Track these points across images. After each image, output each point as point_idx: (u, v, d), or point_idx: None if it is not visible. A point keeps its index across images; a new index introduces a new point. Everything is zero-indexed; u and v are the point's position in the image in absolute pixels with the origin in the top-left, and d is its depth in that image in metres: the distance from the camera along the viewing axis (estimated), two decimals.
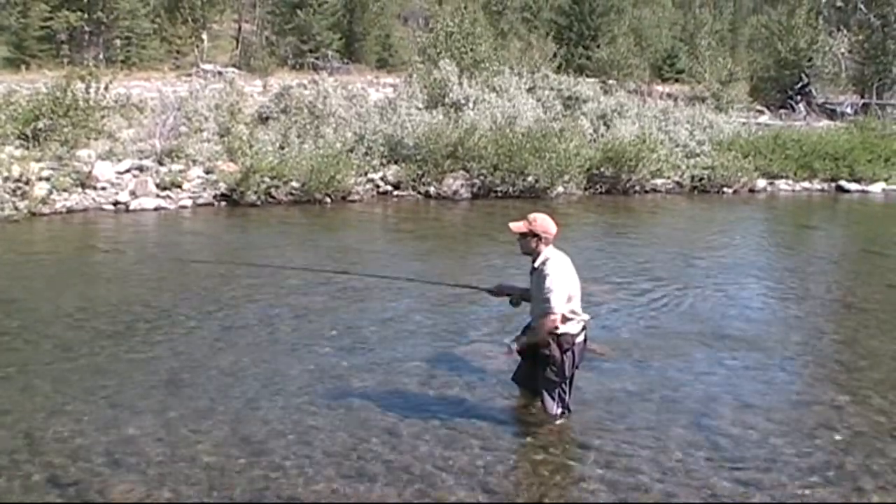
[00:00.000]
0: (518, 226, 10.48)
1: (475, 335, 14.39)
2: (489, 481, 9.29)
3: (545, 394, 10.56)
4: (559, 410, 10.57)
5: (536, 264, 10.36)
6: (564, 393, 10.59)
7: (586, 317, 10.61)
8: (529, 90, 38.51)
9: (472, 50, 44.47)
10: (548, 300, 10.04)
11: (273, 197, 26.71)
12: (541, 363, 10.44)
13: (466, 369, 12.61)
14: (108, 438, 10.03)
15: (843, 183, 35.60)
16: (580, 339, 10.50)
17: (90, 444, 9.89)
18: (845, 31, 64.18)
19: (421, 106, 33.67)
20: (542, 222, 10.41)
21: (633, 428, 10.72)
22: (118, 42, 64.87)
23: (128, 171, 26.98)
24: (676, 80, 69.11)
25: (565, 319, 10.23)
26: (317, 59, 67.16)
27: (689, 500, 9.03)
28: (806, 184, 35.42)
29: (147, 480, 9.13)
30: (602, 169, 31.46)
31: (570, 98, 38.92)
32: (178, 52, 68.33)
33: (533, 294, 10.40)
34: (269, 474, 9.32)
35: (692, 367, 13.22)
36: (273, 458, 9.66)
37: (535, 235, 10.36)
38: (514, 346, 10.55)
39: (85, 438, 10.02)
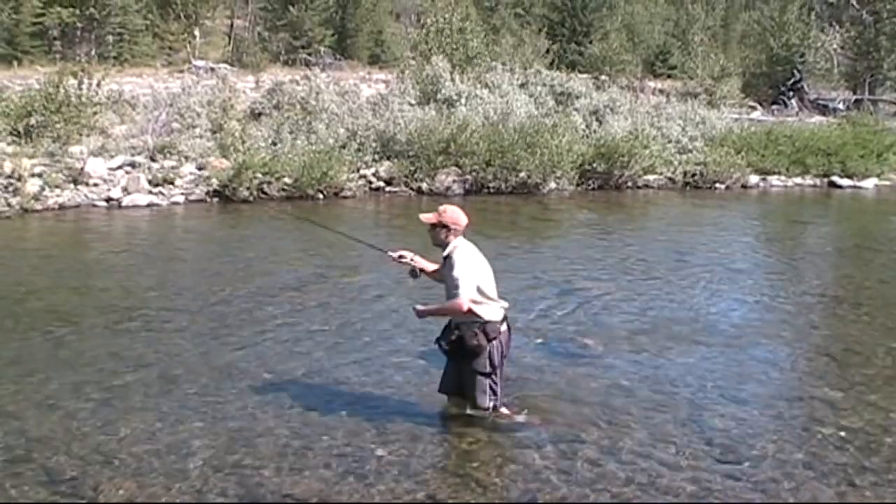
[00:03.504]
0: (428, 217, 10.41)
1: None
2: (479, 478, 9.31)
3: (476, 386, 10.33)
4: (491, 403, 10.35)
5: (445, 254, 10.26)
6: (495, 384, 10.37)
7: (504, 303, 10.41)
8: (522, 86, 38.47)
9: (464, 46, 44.41)
10: (457, 286, 9.93)
11: (265, 193, 26.66)
12: (467, 357, 10.22)
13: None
14: (102, 436, 10.03)
15: (835, 178, 35.57)
16: (504, 327, 10.35)
17: (83, 441, 9.89)
18: (837, 27, 64.29)
19: (413, 102, 33.65)
20: (452, 213, 10.33)
21: (625, 423, 10.72)
22: (110, 38, 64.68)
23: (120, 167, 26.93)
24: (669, 76, 69.08)
25: (481, 303, 10.09)
26: (309, 55, 67.09)
27: (682, 496, 9.03)
28: (798, 179, 35.39)
29: (140, 478, 9.13)
30: (594, 165, 31.41)
31: (562, 94, 38.87)
32: (170, 48, 68.32)
33: (445, 283, 10.27)
34: (262, 472, 9.32)
35: (684, 362, 13.23)
36: (266, 455, 9.66)
37: (445, 226, 10.25)
38: (420, 308, 10.42)
39: (78, 435, 10.02)
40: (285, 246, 20.85)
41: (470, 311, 10.00)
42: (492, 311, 10.18)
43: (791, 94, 59.91)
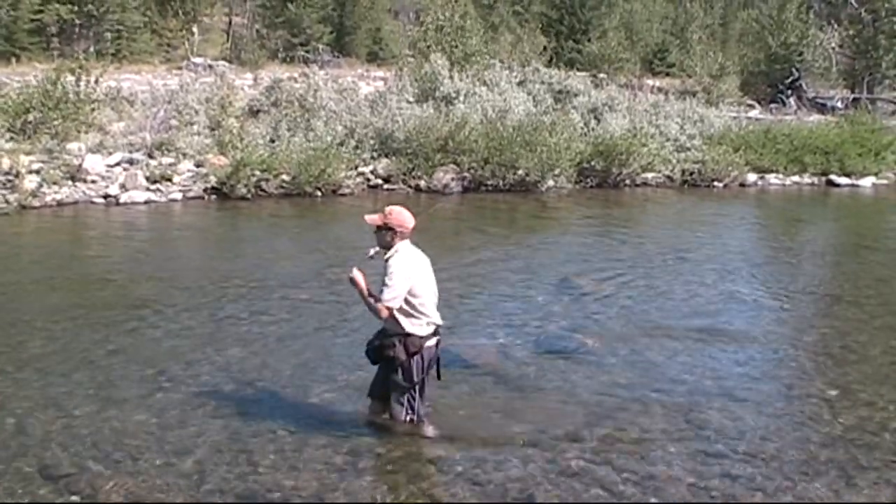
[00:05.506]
0: (373, 218, 10.10)
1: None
2: (481, 477, 9.32)
3: (392, 400, 10.18)
4: (407, 417, 10.15)
5: (386, 257, 9.96)
6: (413, 399, 10.13)
7: (439, 321, 10.18)
8: (520, 84, 38.51)
9: (462, 43, 44.34)
10: (382, 291, 9.70)
11: (263, 190, 26.68)
12: (389, 367, 10.07)
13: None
14: (99, 432, 10.05)
15: (833, 177, 35.57)
16: (430, 343, 10.07)
17: (80, 437, 9.91)
18: (836, 26, 64.14)
19: (411, 99, 33.61)
20: (398, 216, 10.04)
21: (622, 421, 10.74)
22: (108, 35, 64.52)
23: (118, 164, 26.95)
24: (667, 75, 68.88)
25: (409, 317, 9.86)
26: (307, 52, 66.86)
27: (678, 494, 9.04)
28: (796, 178, 35.38)
29: (137, 475, 9.14)
30: (593, 163, 31.42)
31: (560, 92, 38.92)
32: (168, 45, 68.10)
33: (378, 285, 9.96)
34: (259, 469, 9.33)
35: (681, 360, 13.25)
36: (262, 454, 9.67)
37: (391, 229, 9.98)
38: (356, 277, 9.94)
39: (75, 432, 10.03)
40: (283, 243, 20.87)
41: (390, 317, 9.77)
42: (418, 325, 9.92)
43: (789, 92, 59.77)
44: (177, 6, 70.85)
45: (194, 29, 69.29)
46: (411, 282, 9.81)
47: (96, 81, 31.30)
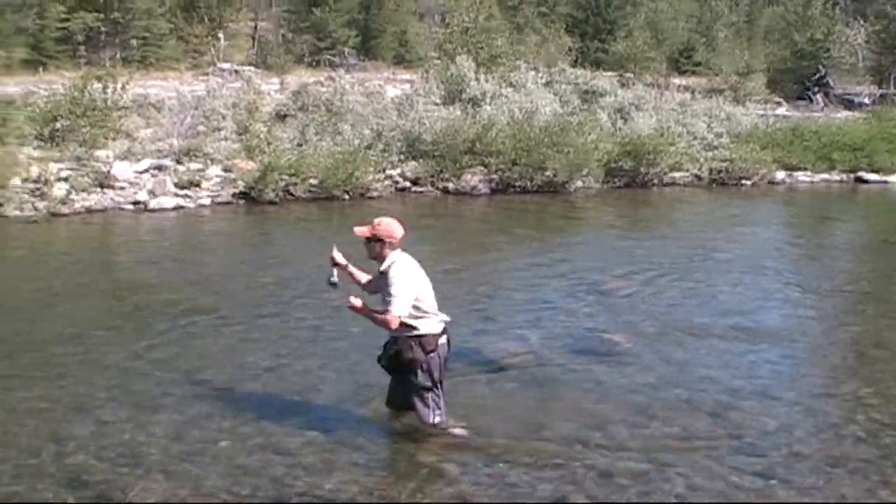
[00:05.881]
0: (362, 230, 10.18)
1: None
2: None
3: (417, 402, 10.16)
4: (436, 418, 10.20)
5: (382, 268, 10.06)
6: (437, 398, 10.22)
7: (445, 317, 10.26)
8: (547, 84, 38.41)
9: (488, 45, 44.36)
10: (389, 303, 9.80)
11: (291, 194, 26.67)
12: (407, 371, 10.08)
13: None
14: (132, 438, 10.08)
15: (862, 174, 35.35)
16: (443, 339, 10.20)
17: (113, 443, 9.95)
18: (862, 21, 63.96)
19: (438, 102, 33.61)
20: (387, 227, 10.10)
21: (654, 421, 10.72)
22: (135, 42, 64.65)
23: (146, 170, 27.00)
24: (693, 73, 68.63)
25: (419, 318, 9.95)
26: (333, 56, 66.92)
27: (713, 494, 9.01)
28: (825, 175, 35.12)
29: (169, 479, 9.17)
30: (620, 162, 31.31)
31: (587, 92, 38.77)
32: (194, 51, 68.19)
33: (381, 297, 10.05)
34: (293, 473, 9.35)
35: (713, 359, 13.21)
36: (295, 457, 9.70)
37: (380, 240, 10.05)
38: (356, 303, 10.07)
39: (108, 438, 10.07)
40: (313, 247, 20.85)
41: (400, 326, 9.84)
42: (429, 324, 10.03)
43: (816, 89, 59.47)
44: (202, 12, 71.04)
45: (220, 35, 69.40)
46: (415, 287, 9.91)
47: (123, 88, 31.41)
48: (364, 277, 10.67)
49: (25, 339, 13.67)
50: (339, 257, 10.59)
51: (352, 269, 10.62)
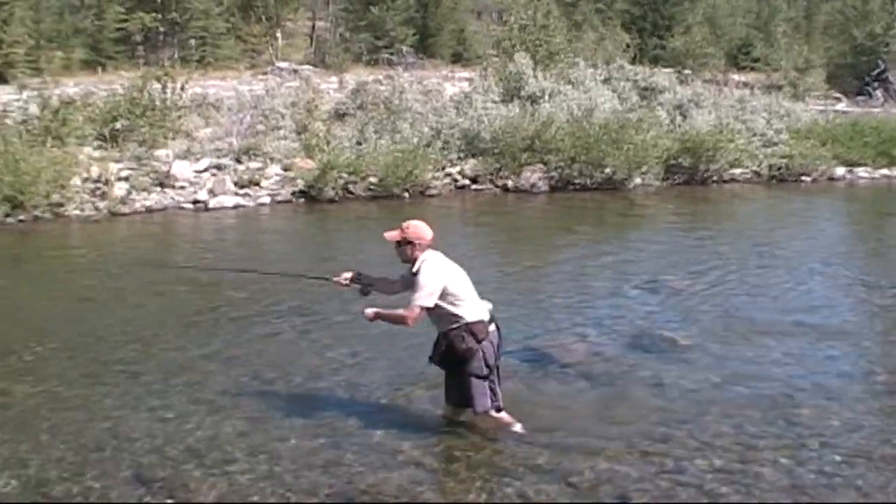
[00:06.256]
0: (392, 234, 10.26)
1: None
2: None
3: (473, 390, 10.08)
4: (492, 405, 10.16)
5: (414, 269, 10.08)
6: (494, 384, 10.20)
7: (488, 304, 10.28)
8: (605, 81, 38.27)
9: (546, 42, 44.33)
10: (413, 295, 9.89)
11: (351, 193, 26.76)
12: (461, 362, 10.04)
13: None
14: (192, 436, 10.13)
15: None
16: (492, 327, 10.16)
17: (174, 441, 9.98)
18: None
19: (497, 99, 33.56)
20: (416, 229, 10.17)
21: (715, 419, 10.63)
22: (193, 42, 65.19)
23: (206, 169, 27.19)
24: (752, 69, 68.26)
25: (461, 307, 9.96)
26: (391, 54, 67.06)
27: (774, 494, 8.94)
28: (885, 171, 34.71)
29: (230, 476, 9.21)
30: (679, 159, 31.18)
31: (646, 89, 38.61)
32: (252, 50, 68.58)
33: (410, 293, 10.09)
34: (351, 471, 9.34)
35: (773, 356, 13.08)
36: (354, 455, 9.69)
37: (410, 242, 10.11)
38: (369, 312, 10.26)
39: (169, 436, 10.11)
40: (372, 246, 20.86)
41: (414, 320, 9.95)
42: (474, 311, 10.03)
43: (876, 84, 58.87)
44: (260, 12, 71.47)
45: (278, 34, 69.75)
46: (444, 280, 9.95)
47: (182, 88, 31.65)
48: (388, 280, 10.85)
49: (95, 339, 13.80)
50: (346, 279, 10.95)
51: (369, 278, 10.88)
